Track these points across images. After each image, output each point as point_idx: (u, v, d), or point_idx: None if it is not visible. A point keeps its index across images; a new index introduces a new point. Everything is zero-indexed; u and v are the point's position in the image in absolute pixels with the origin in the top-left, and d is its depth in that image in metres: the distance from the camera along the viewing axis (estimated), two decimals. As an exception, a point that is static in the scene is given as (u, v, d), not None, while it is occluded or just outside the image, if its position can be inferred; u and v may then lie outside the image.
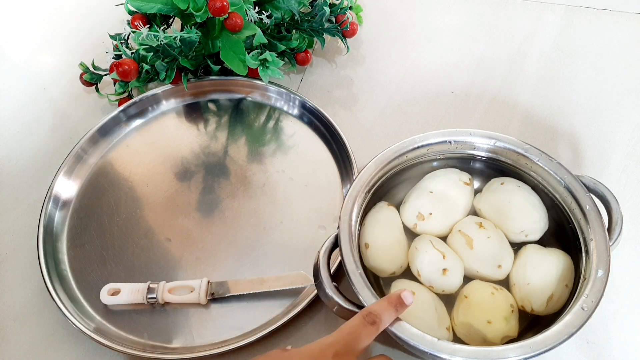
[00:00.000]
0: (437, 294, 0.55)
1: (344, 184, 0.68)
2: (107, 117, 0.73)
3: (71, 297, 0.60)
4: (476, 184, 0.63)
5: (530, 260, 0.54)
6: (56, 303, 0.58)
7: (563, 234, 0.57)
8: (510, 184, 0.58)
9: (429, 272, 0.54)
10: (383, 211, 0.58)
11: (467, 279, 0.56)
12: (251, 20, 0.71)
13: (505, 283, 0.56)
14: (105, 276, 0.62)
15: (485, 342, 0.51)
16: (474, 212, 0.60)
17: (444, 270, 0.54)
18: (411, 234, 0.58)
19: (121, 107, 0.73)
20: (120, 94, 0.75)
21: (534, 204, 0.57)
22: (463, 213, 0.59)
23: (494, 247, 0.55)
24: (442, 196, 0.58)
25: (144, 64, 0.71)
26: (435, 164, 0.61)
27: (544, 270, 0.53)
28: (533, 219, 0.56)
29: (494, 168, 0.60)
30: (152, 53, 0.70)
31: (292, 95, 0.74)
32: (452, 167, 0.61)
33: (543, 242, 0.57)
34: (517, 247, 0.57)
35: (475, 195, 0.61)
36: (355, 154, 0.67)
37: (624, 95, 0.75)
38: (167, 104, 0.76)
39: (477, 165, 0.61)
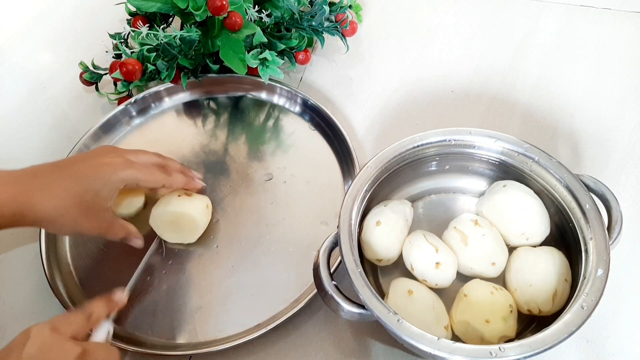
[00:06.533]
0: (432, 289, 0.55)
1: (346, 181, 0.68)
2: (109, 115, 0.72)
3: (73, 296, 0.60)
4: (476, 184, 0.63)
5: (525, 262, 0.55)
6: (59, 301, 0.58)
7: (563, 232, 0.57)
8: (512, 186, 0.58)
9: (422, 266, 0.55)
10: (382, 208, 0.58)
11: (463, 276, 0.57)
12: (251, 19, 0.72)
13: (500, 281, 0.56)
14: (107, 274, 0.62)
15: (483, 341, 0.51)
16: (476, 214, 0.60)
17: (437, 263, 0.54)
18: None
19: (122, 105, 0.73)
20: (120, 93, 0.75)
21: (536, 206, 0.57)
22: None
23: (489, 245, 0.56)
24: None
25: (148, 64, 0.71)
26: (435, 163, 0.62)
27: (541, 268, 0.53)
28: (534, 222, 0.57)
29: (494, 167, 0.61)
30: (153, 53, 0.70)
31: (293, 93, 0.74)
32: (452, 166, 0.62)
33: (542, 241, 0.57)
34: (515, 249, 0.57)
35: (478, 197, 0.62)
36: (355, 153, 0.67)
37: (624, 94, 0.75)
38: (167, 102, 0.77)
39: (477, 164, 0.61)
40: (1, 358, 0.43)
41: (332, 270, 0.52)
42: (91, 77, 0.75)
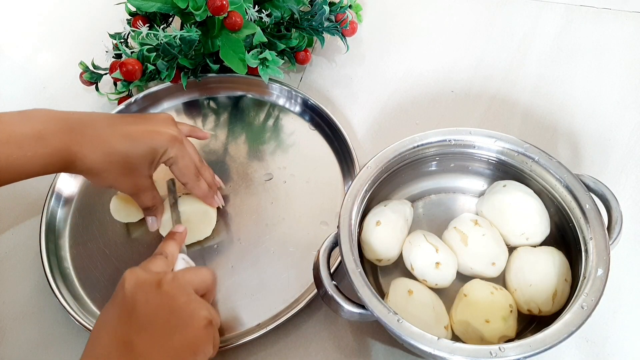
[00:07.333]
0: (432, 289, 0.55)
1: (346, 181, 0.68)
2: (108, 115, 0.72)
3: (74, 295, 0.60)
4: (476, 184, 0.63)
5: (526, 262, 0.55)
6: (59, 300, 0.58)
7: (563, 232, 0.57)
8: (512, 186, 0.58)
9: (422, 266, 0.55)
10: (382, 208, 0.58)
11: (463, 276, 0.57)
12: (251, 19, 0.71)
13: (500, 281, 0.56)
14: (107, 273, 0.62)
15: (483, 341, 0.51)
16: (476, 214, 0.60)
17: (437, 263, 0.54)
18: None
19: (122, 105, 0.73)
20: (120, 93, 0.75)
21: (536, 206, 0.57)
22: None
23: (489, 244, 0.56)
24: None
25: (148, 64, 0.71)
26: (435, 163, 0.62)
27: (541, 268, 0.53)
28: (534, 222, 0.57)
29: (494, 167, 0.61)
30: (153, 53, 0.70)
31: (293, 92, 0.74)
32: (452, 166, 0.62)
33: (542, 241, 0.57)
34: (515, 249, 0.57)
35: (478, 197, 0.62)
36: (355, 153, 0.67)
37: (624, 94, 0.75)
38: (167, 102, 0.77)
39: (477, 164, 0.61)
40: (112, 303, 0.47)
41: (332, 270, 0.52)
42: (91, 77, 0.75)
